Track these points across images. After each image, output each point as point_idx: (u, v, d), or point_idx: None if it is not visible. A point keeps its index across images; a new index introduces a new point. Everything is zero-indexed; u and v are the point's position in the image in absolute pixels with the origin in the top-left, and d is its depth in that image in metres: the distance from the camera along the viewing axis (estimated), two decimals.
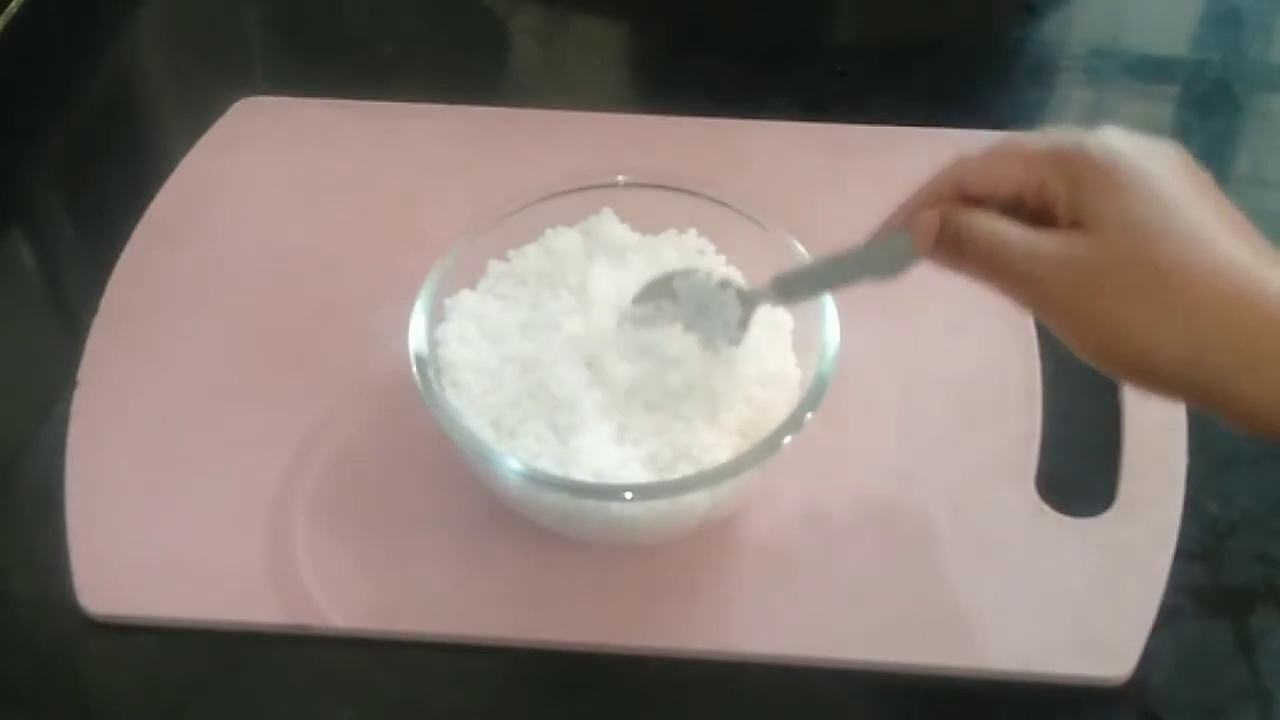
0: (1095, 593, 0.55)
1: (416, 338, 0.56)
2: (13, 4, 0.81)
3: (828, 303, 0.56)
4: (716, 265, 0.60)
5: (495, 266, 0.60)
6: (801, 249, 0.57)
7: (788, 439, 0.52)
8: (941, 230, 0.46)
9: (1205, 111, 0.80)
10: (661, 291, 0.57)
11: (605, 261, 0.59)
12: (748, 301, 0.55)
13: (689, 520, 0.54)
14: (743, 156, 0.73)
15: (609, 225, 0.61)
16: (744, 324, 0.55)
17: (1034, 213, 0.45)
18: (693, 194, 0.61)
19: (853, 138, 0.74)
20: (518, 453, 0.53)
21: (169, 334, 0.66)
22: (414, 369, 0.55)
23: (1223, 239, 0.41)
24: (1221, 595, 0.56)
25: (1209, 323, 0.40)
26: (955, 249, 0.46)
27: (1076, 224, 0.43)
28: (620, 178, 0.61)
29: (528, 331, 0.58)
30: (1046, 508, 0.58)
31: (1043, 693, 0.53)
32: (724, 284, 0.56)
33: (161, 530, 0.58)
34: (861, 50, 0.85)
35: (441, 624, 0.55)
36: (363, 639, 0.55)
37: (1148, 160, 0.43)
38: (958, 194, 0.47)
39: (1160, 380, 0.42)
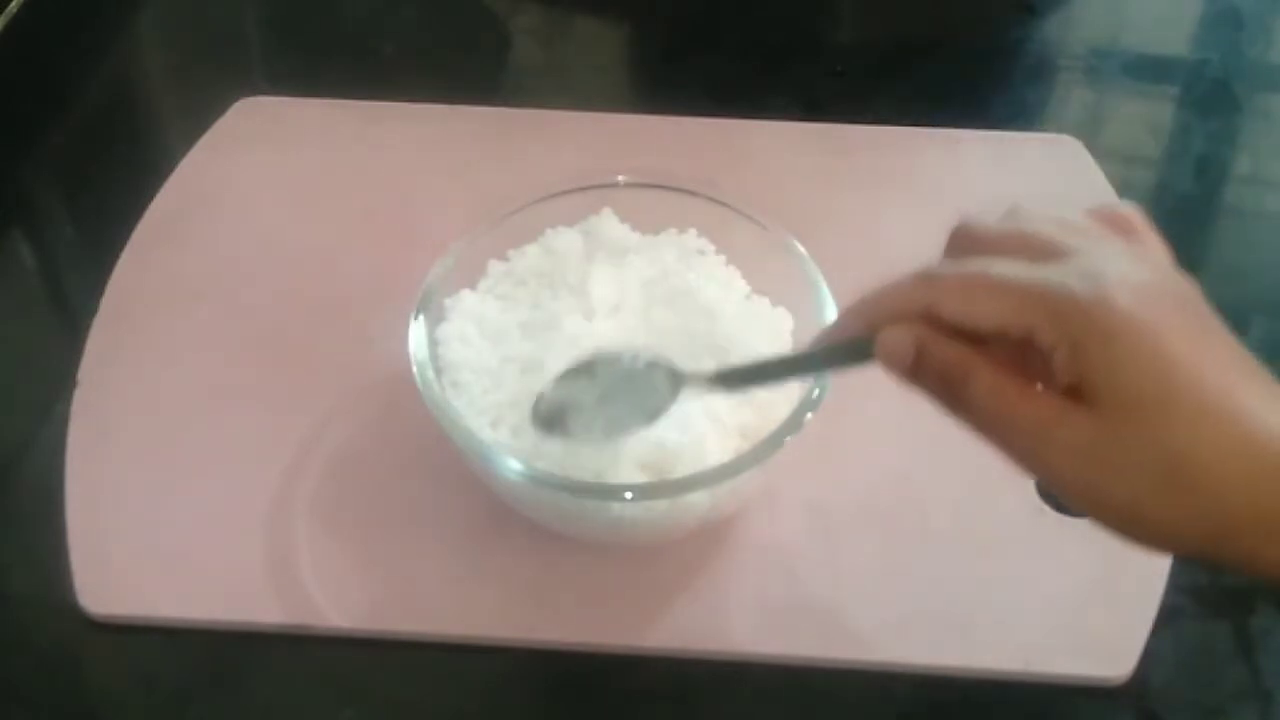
0: (1095, 593, 0.55)
1: (416, 338, 0.56)
2: (13, 4, 0.81)
3: (828, 302, 0.56)
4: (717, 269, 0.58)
5: (495, 266, 0.60)
6: (801, 249, 0.57)
7: (788, 439, 0.52)
8: (919, 362, 0.41)
9: (1205, 111, 0.80)
10: (580, 373, 0.53)
11: (605, 261, 0.59)
12: (677, 383, 0.51)
13: (689, 520, 0.54)
14: (743, 156, 0.73)
15: (609, 225, 0.60)
16: (661, 410, 0.51)
17: (1013, 349, 0.40)
18: (693, 194, 0.61)
19: (853, 137, 0.74)
20: (518, 453, 0.53)
21: (169, 334, 0.66)
22: (414, 369, 0.55)
23: (1236, 394, 0.38)
24: (1222, 595, 0.56)
25: (1232, 503, 0.37)
26: (946, 394, 0.41)
27: (1077, 391, 0.38)
28: (620, 178, 0.61)
29: (528, 331, 0.58)
30: (1047, 508, 0.58)
31: (1043, 693, 0.53)
32: (652, 365, 0.52)
33: (161, 530, 0.58)
34: (861, 50, 0.86)
35: (441, 624, 0.55)
36: (363, 639, 0.55)
37: (1150, 315, 0.38)
38: (928, 316, 0.41)
39: (1182, 552, 0.41)
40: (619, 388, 0.52)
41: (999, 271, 0.40)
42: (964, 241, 0.42)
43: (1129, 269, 0.39)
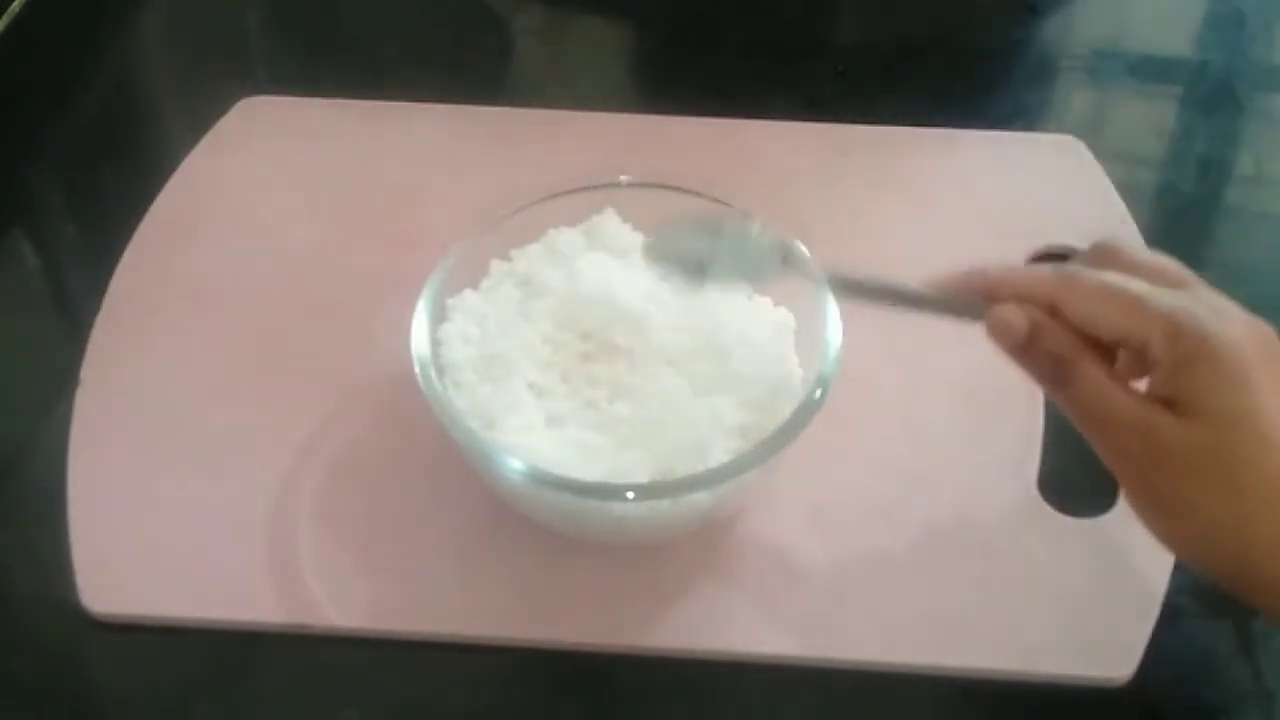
0: (1097, 593, 0.55)
1: (419, 337, 0.56)
2: (15, 3, 0.81)
3: (829, 303, 0.56)
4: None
5: (498, 266, 0.60)
6: (804, 249, 0.57)
7: (789, 440, 0.52)
8: (1027, 345, 0.47)
9: (1208, 112, 0.80)
10: (705, 226, 0.56)
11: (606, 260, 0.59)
12: (789, 264, 0.55)
13: (691, 520, 0.54)
14: (745, 156, 0.73)
15: (611, 225, 0.60)
16: (767, 276, 0.56)
17: (1122, 362, 0.47)
18: (695, 194, 0.61)
19: (855, 138, 0.74)
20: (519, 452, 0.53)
21: (171, 333, 0.66)
22: (416, 368, 0.55)
23: None
24: (1223, 596, 0.55)
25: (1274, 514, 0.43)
26: (1055, 375, 0.47)
27: (1171, 401, 0.44)
28: (623, 178, 0.61)
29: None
30: (1048, 508, 0.58)
31: (1044, 693, 0.53)
32: (775, 244, 0.56)
33: (163, 529, 0.58)
34: (863, 50, 0.85)
35: (443, 624, 0.55)
36: (364, 638, 0.55)
37: (1254, 355, 0.44)
38: (1051, 308, 0.47)
39: (1215, 562, 0.45)
40: (735, 249, 0.56)
41: (1138, 289, 0.45)
42: (1108, 256, 0.47)
43: (1237, 310, 0.45)
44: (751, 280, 0.57)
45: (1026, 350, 0.47)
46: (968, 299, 0.49)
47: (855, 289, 0.53)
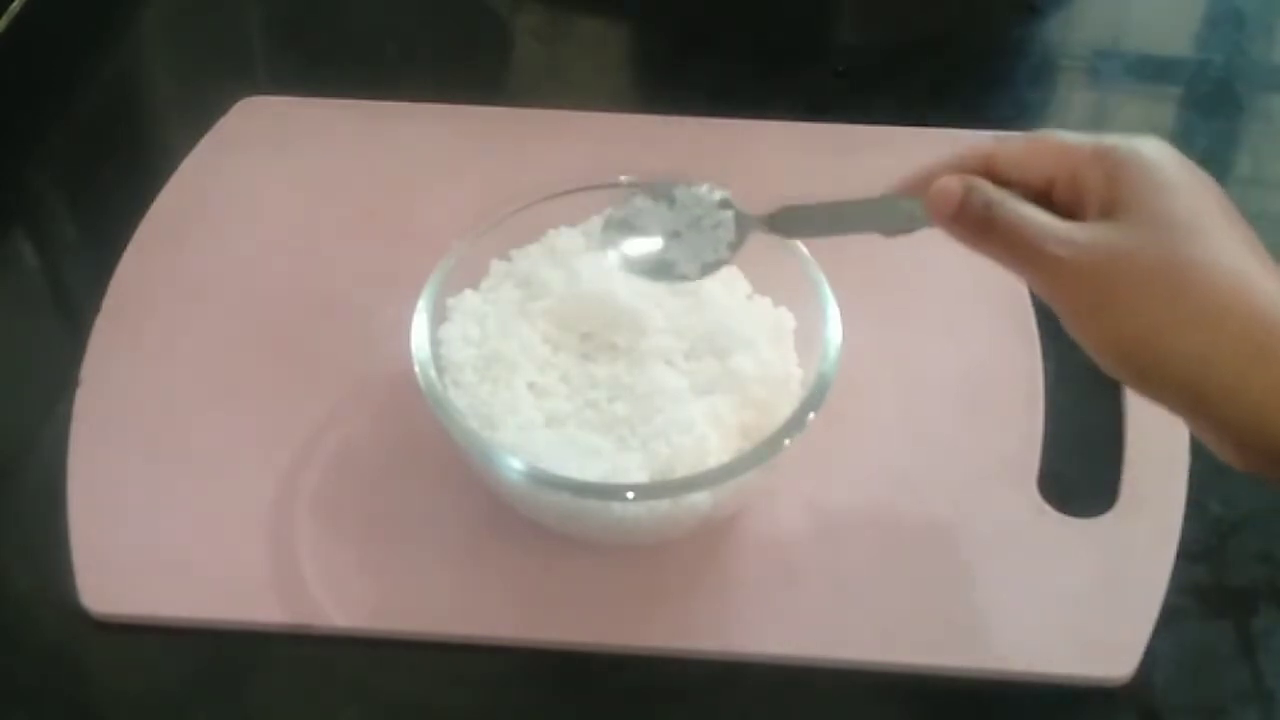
0: (1097, 593, 0.55)
1: (419, 337, 0.56)
2: (15, 3, 0.81)
3: (829, 303, 0.56)
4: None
5: (498, 266, 0.60)
6: (803, 248, 0.57)
7: (789, 439, 0.52)
8: (964, 201, 0.46)
9: (1207, 112, 0.80)
10: (657, 194, 0.55)
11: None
12: (744, 225, 0.53)
13: (690, 520, 0.54)
14: (745, 156, 0.73)
15: None
16: (733, 248, 0.53)
17: (1062, 205, 0.46)
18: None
19: (855, 138, 0.74)
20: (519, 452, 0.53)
21: (171, 333, 0.66)
22: (416, 368, 0.55)
23: (1243, 253, 0.43)
24: (1224, 596, 0.56)
25: (1226, 319, 0.41)
26: (980, 226, 0.46)
27: (1108, 214, 0.44)
28: (623, 178, 0.61)
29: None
30: (1048, 508, 0.58)
31: (1044, 693, 0.53)
32: (725, 203, 0.54)
33: (163, 529, 0.58)
34: (864, 50, 0.85)
35: (443, 624, 0.55)
36: (364, 638, 0.55)
37: (1186, 172, 0.44)
38: (985, 171, 0.47)
39: (1165, 377, 0.42)
40: (693, 221, 0.54)
41: (1055, 132, 0.47)
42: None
43: (1177, 153, 0.45)
44: (714, 249, 0.53)
45: (961, 212, 0.46)
46: (909, 201, 0.49)
47: (800, 219, 0.52)
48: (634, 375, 0.56)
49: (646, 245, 0.53)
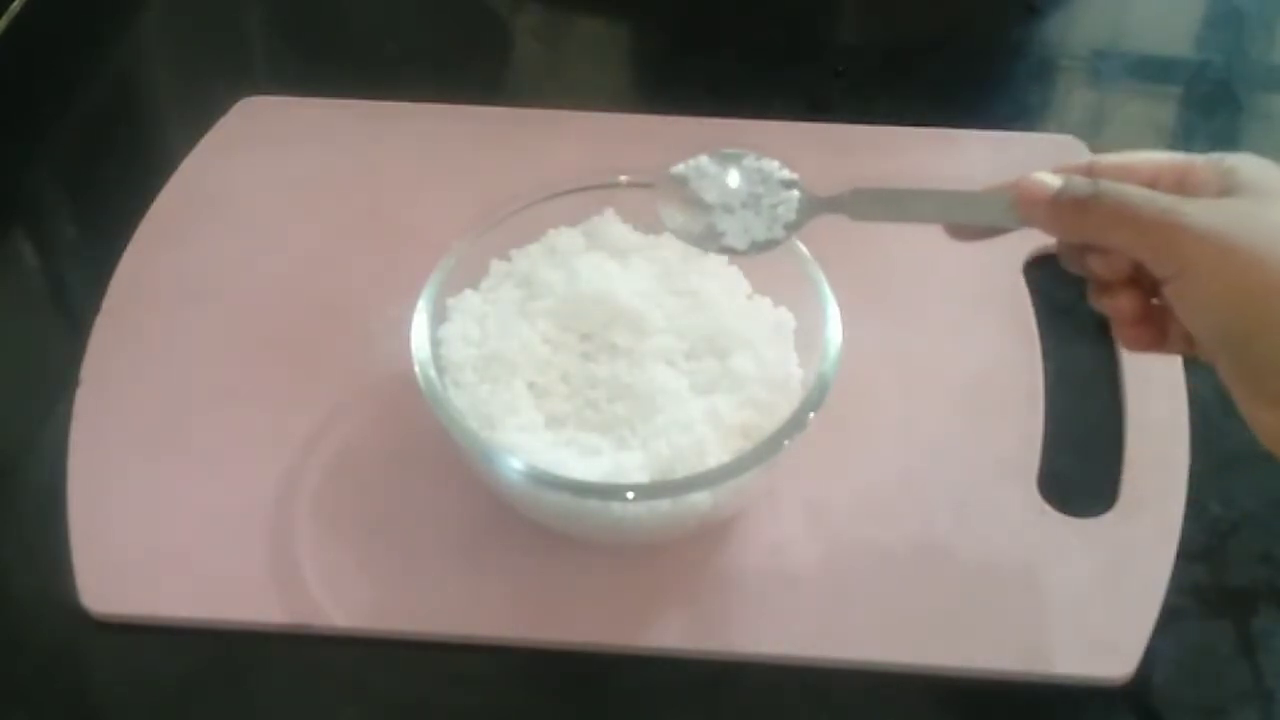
0: (1097, 593, 0.55)
1: (419, 337, 0.56)
2: (15, 3, 0.81)
3: (829, 303, 0.56)
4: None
5: (498, 266, 0.60)
6: (803, 248, 0.57)
7: (789, 439, 0.52)
8: (1065, 185, 0.46)
9: (1207, 112, 0.80)
10: (725, 160, 0.55)
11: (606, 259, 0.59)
12: (808, 208, 0.53)
13: (690, 520, 0.54)
14: None
15: (611, 225, 0.61)
16: (790, 229, 0.53)
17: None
18: None
19: (855, 137, 0.74)
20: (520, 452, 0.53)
21: (171, 333, 0.66)
22: (416, 368, 0.55)
23: None
24: (1223, 595, 0.56)
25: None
26: (1080, 206, 0.46)
27: (1224, 193, 0.45)
28: (623, 178, 0.61)
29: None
30: (1048, 508, 0.58)
31: (1044, 693, 0.53)
32: (791, 183, 0.54)
33: (163, 529, 0.58)
34: (863, 50, 0.85)
35: (442, 624, 0.55)
36: (364, 638, 0.55)
37: None
38: (1083, 173, 0.48)
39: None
40: (743, 203, 0.54)
41: (1162, 152, 0.48)
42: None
43: None
44: (769, 227, 0.53)
45: (1061, 193, 0.46)
46: (992, 195, 0.49)
47: (871, 202, 0.52)
48: (634, 375, 0.56)
49: (698, 210, 0.53)
